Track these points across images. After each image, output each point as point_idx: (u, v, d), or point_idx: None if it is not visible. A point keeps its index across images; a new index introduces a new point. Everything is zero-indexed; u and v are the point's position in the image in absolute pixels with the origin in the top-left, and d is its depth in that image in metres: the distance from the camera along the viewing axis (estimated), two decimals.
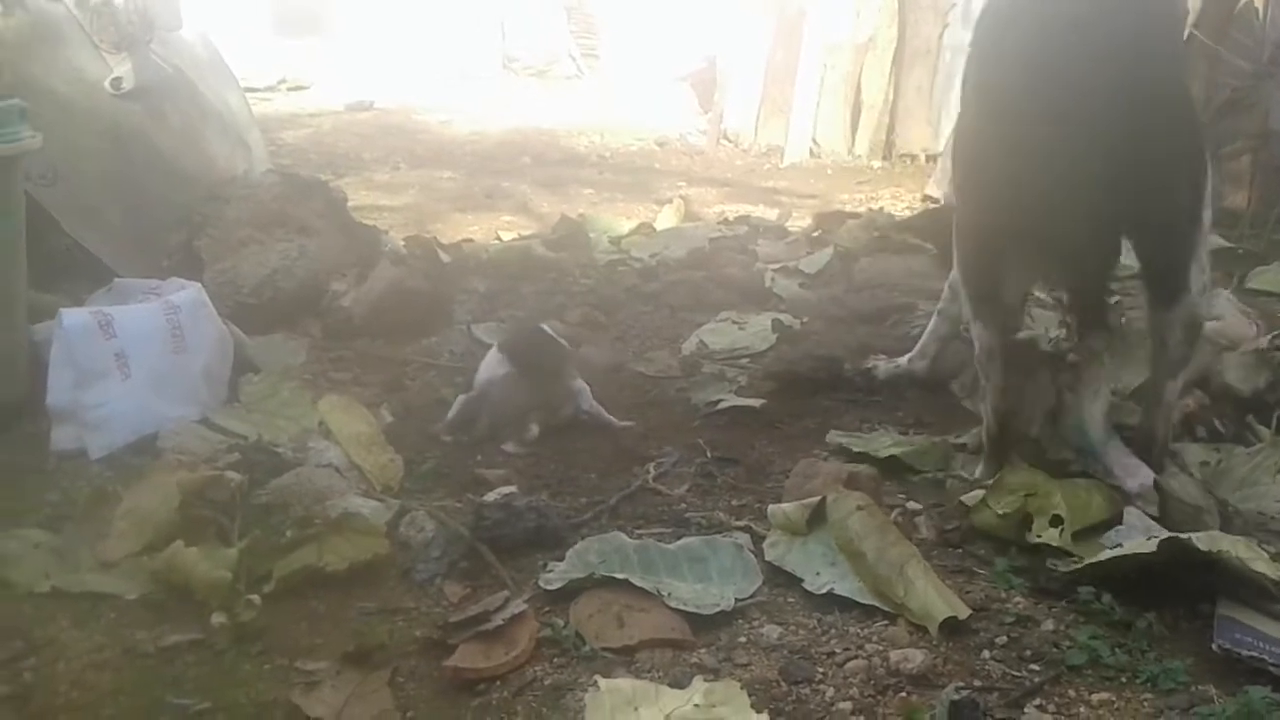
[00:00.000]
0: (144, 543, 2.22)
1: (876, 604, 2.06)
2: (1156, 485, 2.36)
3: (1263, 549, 2.02)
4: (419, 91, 9.71)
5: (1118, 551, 2.07)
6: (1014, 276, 2.40)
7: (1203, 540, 1.98)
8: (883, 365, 3.27)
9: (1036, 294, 2.94)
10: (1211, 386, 2.81)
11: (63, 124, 3.43)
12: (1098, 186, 2.19)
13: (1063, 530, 2.22)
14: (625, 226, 5.32)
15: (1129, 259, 2.46)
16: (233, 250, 3.66)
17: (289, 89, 10.04)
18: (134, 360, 2.80)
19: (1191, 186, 2.32)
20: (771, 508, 2.37)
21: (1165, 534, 2.10)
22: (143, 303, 3.00)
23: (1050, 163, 2.22)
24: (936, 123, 7.52)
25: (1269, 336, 3.08)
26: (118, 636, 2.00)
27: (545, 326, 3.05)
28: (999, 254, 2.40)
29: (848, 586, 2.11)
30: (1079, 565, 2.10)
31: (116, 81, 3.79)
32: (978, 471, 2.56)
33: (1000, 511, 2.28)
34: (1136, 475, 2.39)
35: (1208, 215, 2.40)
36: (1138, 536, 2.17)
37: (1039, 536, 2.22)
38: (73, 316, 2.80)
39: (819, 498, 2.29)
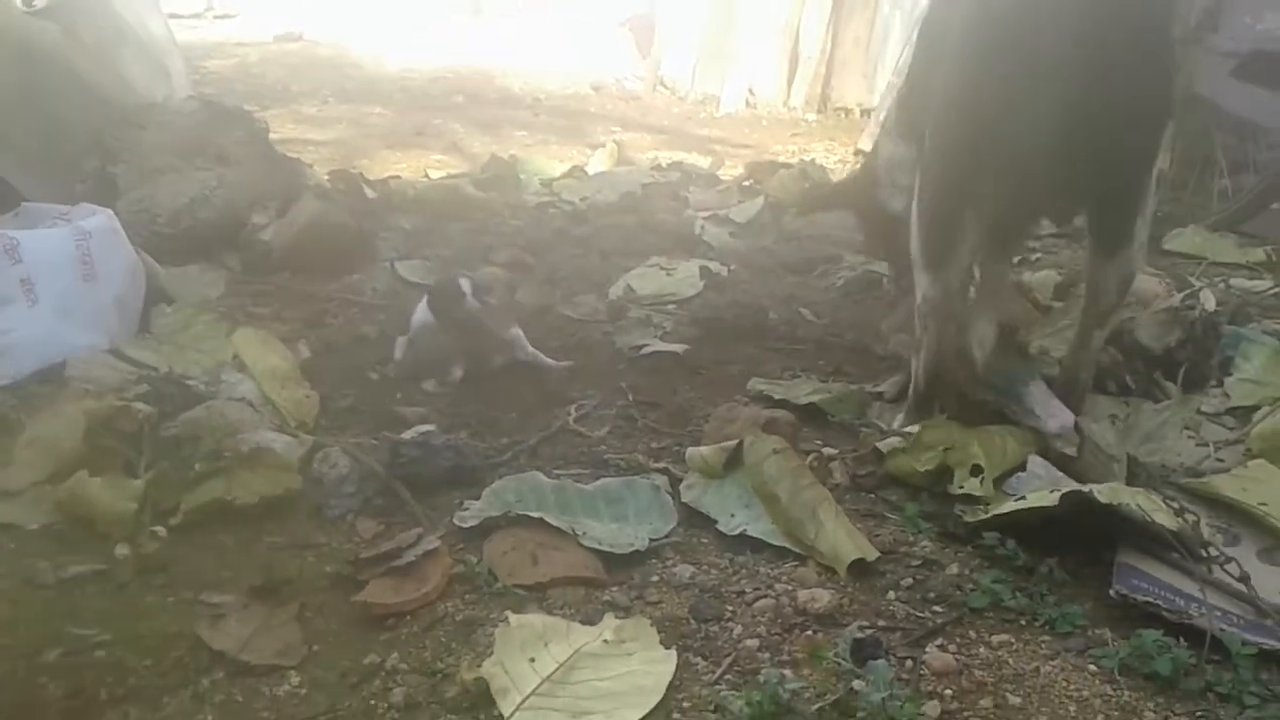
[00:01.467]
0: (48, 472, 2.16)
1: (788, 545, 2.08)
2: (1077, 427, 2.41)
3: (1165, 502, 2.08)
4: (351, 25, 9.46)
5: (1021, 504, 2.10)
6: (973, 224, 2.37)
7: (1104, 493, 2.03)
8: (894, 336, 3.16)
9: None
10: (1123, 343, 2.86)
11: None
12: (1066, 132, 2.18)
13: (983, 479, 2.26)
14: (557, 169, 5.27)
15: None
16: (149, 178, 3.56)
17: (215, 17, 9.76)
18: (41, 286, 2.71)
19: (1153, 141, 2.32)
20: (690, 450, 2.38)
21: (1069, 485, 2.15)
22: (51, 228, 2.89)
23: (1021, 107, 2.19)
24: (872, 76, 7.55)
25: (1181, 296, 3.16)
26: (17, 567, 1.94)
27: (463, 280, 2.94)
28: (961, 199, 2.36)
29: (760, 528, 2.13)
30: (985, 515, 2.14)
31: None
32: (897, 421, 2.58)
33: (922, 469, 2.30)
34: (1058, 416, 2.43)
35: (1154, 178, 2.40)
36: (1040, 484, 2.22)
37: (961, 488, 2.26)
38: None
39: (736, 441, 2.30)
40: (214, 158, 3.69)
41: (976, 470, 2.27)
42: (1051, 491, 2.08)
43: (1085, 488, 2.05)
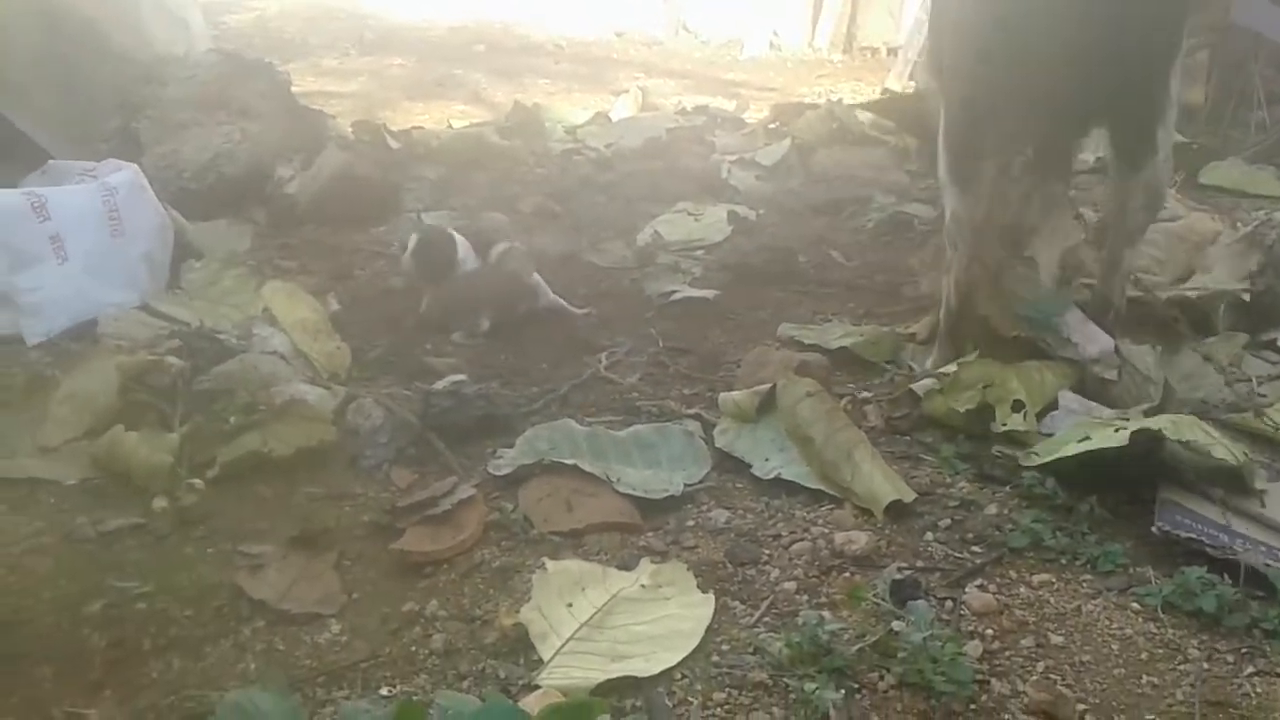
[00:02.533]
0: (83, 428, 2.18)
1: (823, 488, 2.07)
2: (1116, 350, 2.37)
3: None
4: None
5: (1085, 446, 2.03)
6: (995, 138, 2.36)
7: (1170, 429, 1.98)
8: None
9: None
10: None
11: None
12: (1080, 35, 2.17)
13: (1026, 414, 2.22)
14: (581, 116, 5.22)
15: None
16: (173, 133, 3.55)
17: None
18: (70, 243, 2.71)
19: (1167, 50, 2.31)
20: (722, 395, 2.37)
21: (1106, 417, 2.11)
22: (79, 184, 2.89)
23: (1035, 13, 2.20)
24: (898, 14, 7.40)
25: (1252, 224, 3.05)
26: (57, 521, 1.96)
27: (452, 231, 2.99)
28: (981, 112, 2.35)
29: (795, 471, 2.12)
30: (1041, 460, 2.08)
31: None
32: (929, 361, 2.55)
33: (962, 409, 2.26)
34: (1096, 341, 2.41)
35: (1176, 84, 2.38)
36: (1073, 419, 2.18)
37: (1004, 425, 2.22)
38: (4, 198, 2.69)
39: (769, 385, 2.29)
40: (237, 111, 3.67)
41: (1018, 406, 2.24)
42: (1116, 431, 2.02)
43: (1154, 425, 1.99)
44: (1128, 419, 2.01)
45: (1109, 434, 2.04)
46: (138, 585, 1.78)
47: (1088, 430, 2.11)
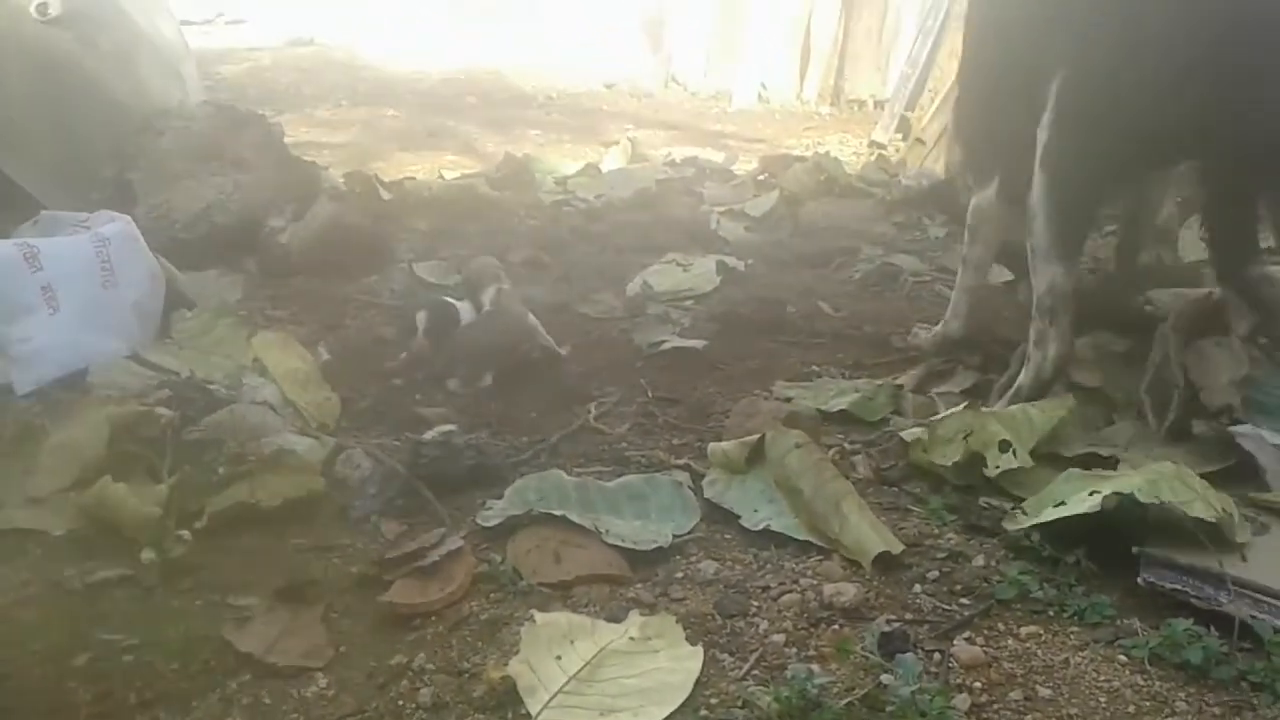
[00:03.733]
0: (72, 478, 2.17)
1: (812, 539, 2.08)
2: None
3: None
4: (361, 27, 9.48)
5: (1062, 511, 2.03)
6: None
7: (1143, 490, 1.98)
8: (924, 334, 3.13)
9: None
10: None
11: None
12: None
13: (1016, 452, 2.23)
14: (571, 167, 5.28)
15: None
16: (166, 183, 3.57)
17: (226, 22, 9.77)
18: (62, 294, 2.72)
19: None
20: (711, 446, 2.38)
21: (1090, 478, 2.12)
22: (71, 235, 2.90)
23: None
24: (885, 67, 7.51)
25: None
26: (44, 572, 1.95)
27: (451, 300, 3.03)
28: (1108, 177, 2.30)
29: (784, 523, 2.13)
30: (1026, 525, 2.07)
31: (42, 7, 3.65)
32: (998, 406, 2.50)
33: (948, 462, 2.27)
34: None
35: None
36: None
37: (998, 468, 2.22)
38: None
39: (758, 436, 2.30)
40: (230, 162, 3.70)
41: (1005, 446, 2.24)
42: (1090, 494, 2.03)
43: (1128, 487, 1.99)
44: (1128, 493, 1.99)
45: (1083, 498, 2.04)
46: (125, 638, 1.77)
47: (1063, 493, 2.11)
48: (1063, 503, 2.07)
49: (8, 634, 1.79)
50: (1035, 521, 2.05)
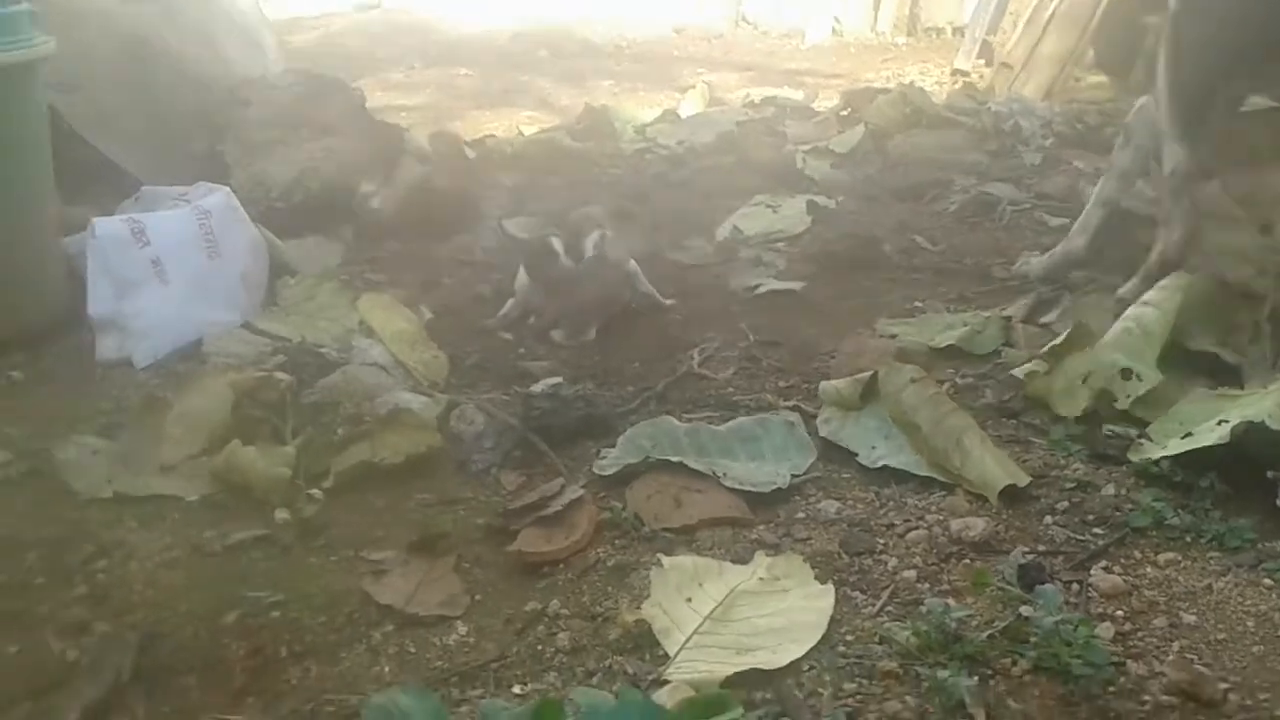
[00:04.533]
0: (201, 445, 2.23)
1: (933, 475, 2.06)
2: None
3: None
4: None
5: (1190, 444, 1.99)
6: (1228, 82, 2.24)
7: (1275, 418, 1.92)
8: (1035, 260, 3.03)
9: None
10: None
11: (76, 29, 3.33)
12: None
13: (1139, 375, 2.19)
14: (649, 115, 5.23)
15: None
16: (258, 153, 3.61)
17: None
18: (170, 267, 2.78)
19: None
20: (823, 384, 2.36)
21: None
22: (173, 209, 2.96)
23: None
24: None
25: None
26: (184, 536, 2.01)
27: (554, 240, 2.90)
28: (1224, 57, 2.27)
29: (903, 459, 2.11)
30: (1156, 454, 2.03)
31: None
32: (1126, 288, 2.49)
33: (1076, 413, 2.22)
34: None
35: None
36: None
37: (1128, 397, 2.18)
38: (106, 226, 2.76)
39: (871, 372, 2.27)
40: (318, 129, 3.73)
41: (1127, 373, 2.19)
42: (1219, 423, 1.97)
43: (1256, 415, 1.93)
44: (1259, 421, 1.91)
45: (1211, 427, 1.99)
46: (269, 594, 1.82)
47: (1190, 417, 2.06)
48: (1190, 433, 2.02)
49: (157, 596, 1.85)
50: (1163, 454, 2.00)
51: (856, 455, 2.15)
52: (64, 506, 2.11)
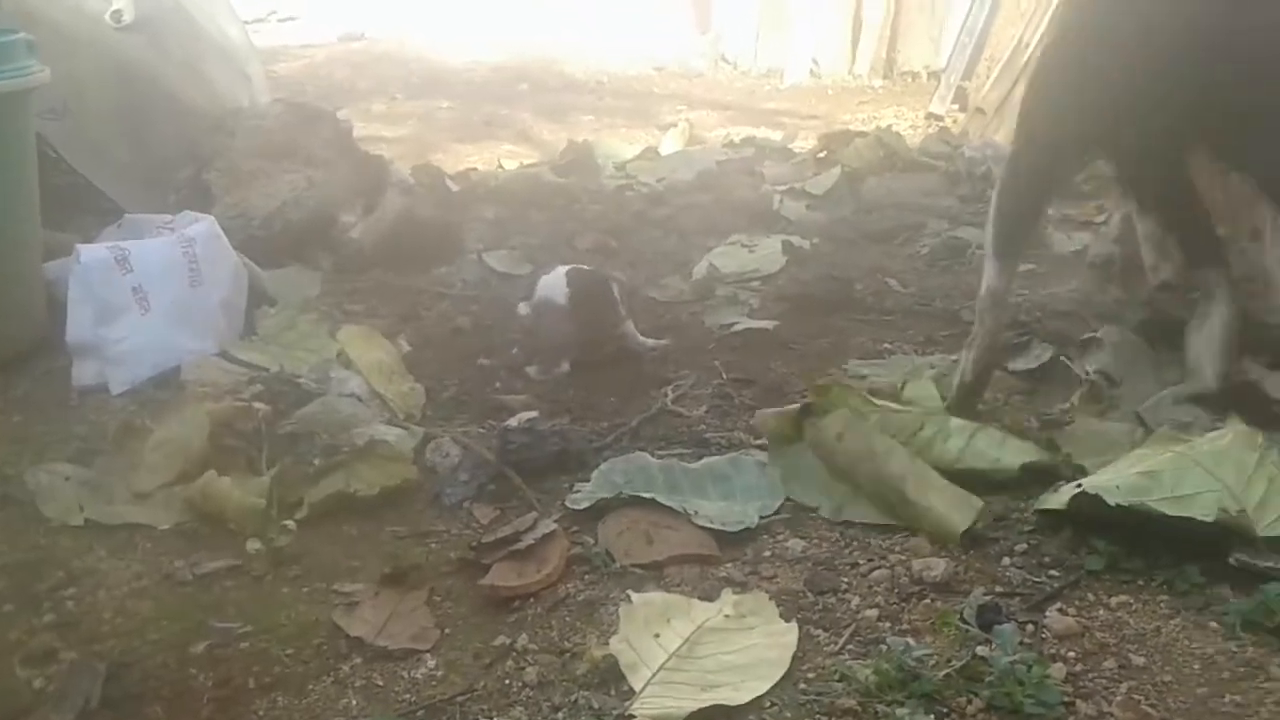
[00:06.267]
0: (176, 473, 2.25)
1: (894, 522, 2.09)
2: None
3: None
4: (410, 20, 9.53)
5: (1052, 503, 2.03)
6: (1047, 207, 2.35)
7: (1117, 492, 1.93)
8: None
9: None
10: None
11: (66, 57, 3.36)
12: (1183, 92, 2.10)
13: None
14: (630, 151, 5.31)
15: None
16: (242, 183, 3.65)
17: (279, 20, 9.88)
18: (153, 294, 2.81)
19: None
20: (758, 414, 2.42)
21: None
22: (158, 237, 2.99)
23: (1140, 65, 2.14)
24: (938, 38, 7.44)
25: None
26: (155, 565, 2.03)
27: (614, 284, 2.98)
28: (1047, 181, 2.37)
29: (860, 510, 2.14)
30: (1049, 505, 2.05)
31: (117, 14, 3.74)
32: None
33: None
34: None
35: None
36: None
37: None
38: (90, 252, 2.80)
39: (799, 405, 2.32)
40: (302, 159, 3.78)
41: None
42: (1055, 490, 2.04)
43: (1094, 488, 1.94)
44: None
45: (1056, 495, 2.04)
46: (239, 625, 1.84)
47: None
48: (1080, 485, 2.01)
49: (126, 625, 1.87)
50: (1044, 507, 2.05)
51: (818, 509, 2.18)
52: (34, 533, 2.13)
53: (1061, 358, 2.74)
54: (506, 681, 1.71)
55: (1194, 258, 2.51)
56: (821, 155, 5.06)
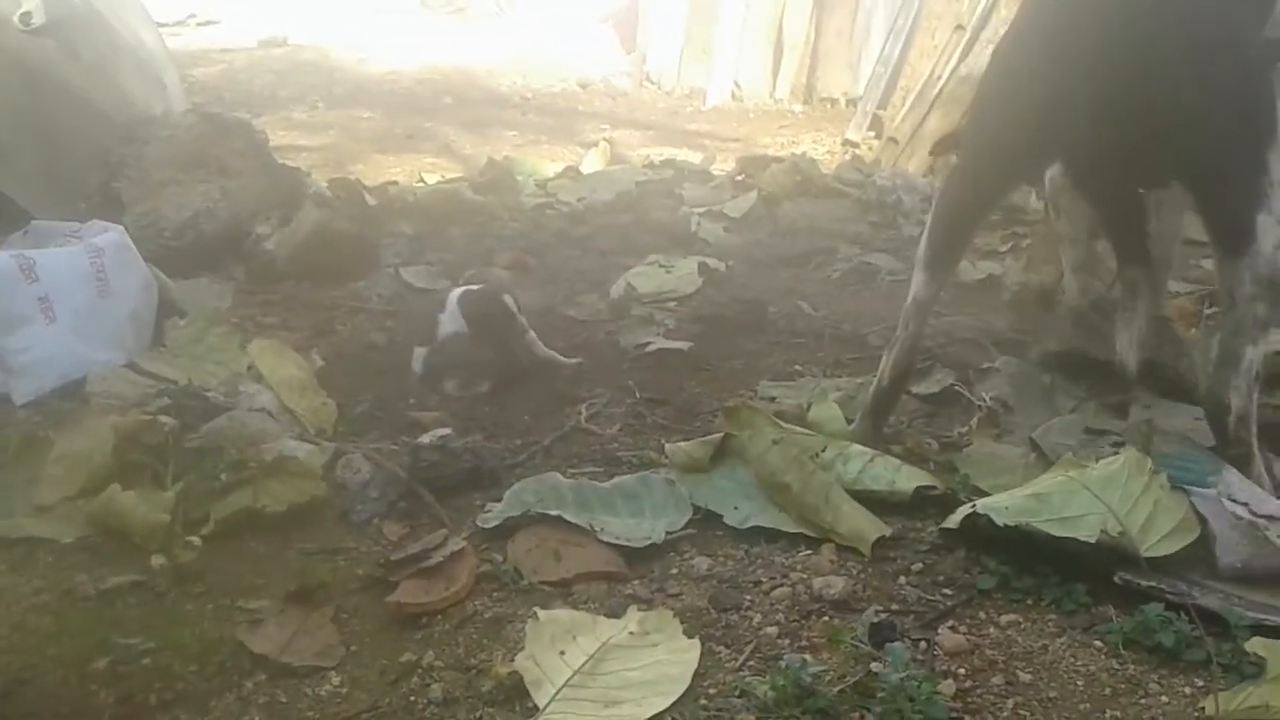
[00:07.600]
0: (79, 487, 2.22)
1: (804, 531, 2.15)
2: None
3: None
4: (334, 27, 9.47)
5: (948, 523, 2.11)
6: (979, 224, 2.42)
7: (1005, 512, 2.01)
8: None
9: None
10: None
11: None
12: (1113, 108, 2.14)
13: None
14: (551, 169, 5.34)
15: None
16: (153, 192, 3.61)
17: (198, 24, 9.73)
18: (58, 304, 2.76)
19: (1248, 128, 2.10)
20: (669, 447, 2.43)
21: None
22: (64, 246, 2.94)
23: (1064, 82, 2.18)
24: (856, 65, 7.62)
25: None
26: (57, 580, 2.00)
27: (507, 297, 3.01)
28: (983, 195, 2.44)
29: (770, 517, 2.20)
30: (950, 523, 2.13)
31: (25, 16, 3.67)
32: (855, 429, 2.56)
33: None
34: (1267, 504, 2.06)
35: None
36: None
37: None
38: None
39: (720, 435, 2.37)
40: (215, 170, 3.75)
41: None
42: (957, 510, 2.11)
43: (985, 509, 2.03)
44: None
45: (953, 516, 2.11)
46: (141, 641, 1.82)
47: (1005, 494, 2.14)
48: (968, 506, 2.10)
49: (25, 641, 1.84)
50: (944, 526, 2.13)
51: (723, 517, 2.24)
52: None
53: (956, 386, 2.83)
54: (412, 699, 1.72)
55: (1125, 255, 2.60)
56: (740, 179, 5.16)
